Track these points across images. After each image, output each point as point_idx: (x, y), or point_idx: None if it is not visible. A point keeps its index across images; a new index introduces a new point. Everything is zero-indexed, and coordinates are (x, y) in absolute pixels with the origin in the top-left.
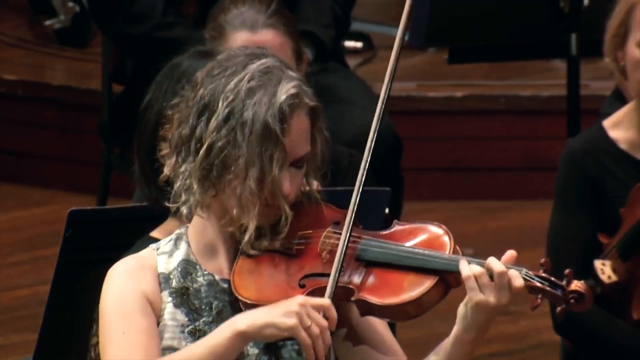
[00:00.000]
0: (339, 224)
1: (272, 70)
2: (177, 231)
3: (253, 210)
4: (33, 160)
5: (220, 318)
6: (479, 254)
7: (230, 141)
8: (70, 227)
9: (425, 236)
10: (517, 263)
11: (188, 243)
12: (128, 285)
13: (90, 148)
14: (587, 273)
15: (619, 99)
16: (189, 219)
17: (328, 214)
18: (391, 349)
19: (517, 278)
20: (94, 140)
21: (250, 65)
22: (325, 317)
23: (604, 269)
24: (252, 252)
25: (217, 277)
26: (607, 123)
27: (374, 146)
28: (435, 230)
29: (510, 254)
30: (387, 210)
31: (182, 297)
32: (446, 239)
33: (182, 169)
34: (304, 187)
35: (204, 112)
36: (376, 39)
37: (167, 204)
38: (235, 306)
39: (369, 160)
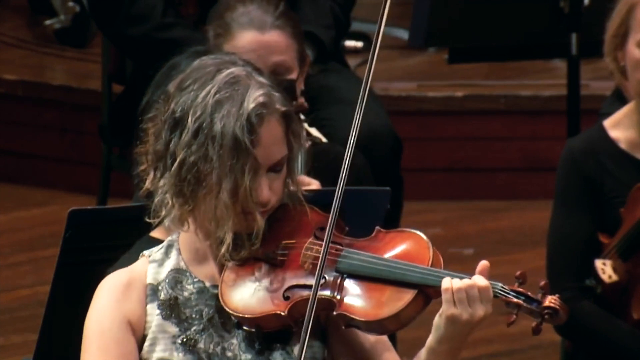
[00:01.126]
0: (323, 229)
1: (239, 79)
2: (169, 238)
3: (227, 222)
4: (33, 161)
5: (211, 325)
6: (479, 254)
7: (201, 156)
8: (70, 228)
9: (406, 246)
10: (491, 275)
11: (179, 250)
12: (111, 306)
13: (90, 148)
14: (587, 273)
15: (619, 99)
16: (170, 232)
17: (313, 219)
18: (384, 351)
19: (487, 290)
20: (94, 140)
21: (217, 75)
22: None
23: (605, 269)
24: (230, 263)
25: (207, 284)
26: (607, 123)
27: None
28: (417, 240)
29: (484, 264)
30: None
31: (171, 307)
32: (426, 249)
33: (160, 183)
34: (288, 188)
35: (176, 127)
36: None
37: (147, 220)
38: (223, 312)
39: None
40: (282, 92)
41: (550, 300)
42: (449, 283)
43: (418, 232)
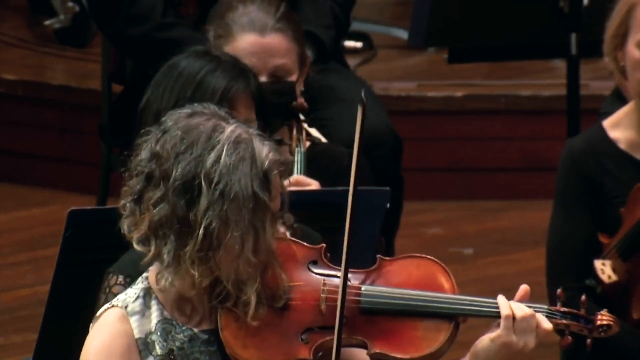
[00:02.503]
0: (316, 263)
1: (242, 138)
2: (141, 286)
3: (254, 283)
4: (33, 161)
5: None
6: (479, 254)
7: (223, 220)
8: (70, 228)
9: (425, 275)
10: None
11: (157, 299)
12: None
13: (90, 148)
14: (587, 273)
15: (619, 99)
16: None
17: (300, 254)
18: None
19: (545, 322)
20: (94, 140)
21: (218, 136)
22: None
23: (604, 269)
24: (254, 323)
25: (196, 330)
26: (606, 123)
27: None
28: (433, 267)
29: (525, 289)
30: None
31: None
32: (446, 275)
33: (167, 249)
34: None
35: (184, 193)
36: (376, 39)
37: (114, 272)
38: (216, 355)
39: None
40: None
41: (601, 318)
42: (509, 310)
43: (429, 257)
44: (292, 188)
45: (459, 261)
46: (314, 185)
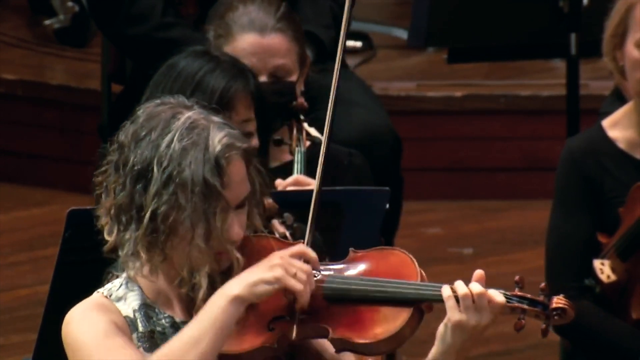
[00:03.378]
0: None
1: (198, 124)
2: (124, 275)
3: (204, 268)
4: (33, 161)
5: None
6: (479, 254)
7: (172, 205)
8: (70, 227)
9: (391, 264)
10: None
11: (140, 288)
12: (97, 316)
13: (90, 148)
14: (587, 273)
15: (619, 99)
16: (135, 279)
17: (280, 249)
18: None
19: (497, 296)
20: (93, 140)
21: (175, 122)
22: (306, 261)
23: (603, 269)
24: (201, 301)
25: (177, 319)
26: (606, 123)
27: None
28: (400, 257)
29: (480, 273)
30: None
31: (151, 340)
32: (413, 265)
33: (127, 236)
34: (251, 220)
35: (140, 179)
36: (376, 38)
37: (113, 272)
38: None
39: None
40: (238, 130)
41: (557, 301)
42: (450, 291)
43: (398, 249)
44: (292, 188)
45: (459, 261)
46: (313, 185)
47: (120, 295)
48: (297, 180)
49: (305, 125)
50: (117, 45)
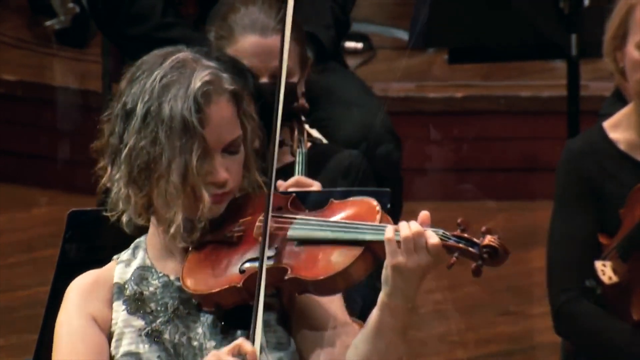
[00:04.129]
0: (281, 209)
1: (186, 63)
2: (137, 240)
3: (177, 203)
4: (33, 161)
5: (176, 316)
6: None
7: (151, 140)
8: (70, 228)
9: (355, 210)
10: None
11: (145, 250)
12: (78, 306)
13: (90, 149)
14: (588, 274)
15: (619, 100)
16: (131, 229)
17: (273, 201)
18: (339, 321)
19: (432, 237)
20: (93, 141)
21: (164, 62)
22: (244, 353)
23: (605, 270)
24: (180, 245)
25: (172, 278)
26: (606, 124)
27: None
28: (366, 203)
29: (424, 214)
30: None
31: (137, 302)
32: (374, 210)
33: (117, 176)
34: (248, 174)
35: (128, 117)
36: (376, 39)
37: (105, 214)
38: (188, 303)
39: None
40: (232, 74)
41: (489, 240)
42: (392, 232)
43: (369, 198)
44: (293, 189)
45: (459, 261)
46: (314, 186)
47: (124, 259)
48: (298, 182)
49: (306, 126)
50: (117, 45)
